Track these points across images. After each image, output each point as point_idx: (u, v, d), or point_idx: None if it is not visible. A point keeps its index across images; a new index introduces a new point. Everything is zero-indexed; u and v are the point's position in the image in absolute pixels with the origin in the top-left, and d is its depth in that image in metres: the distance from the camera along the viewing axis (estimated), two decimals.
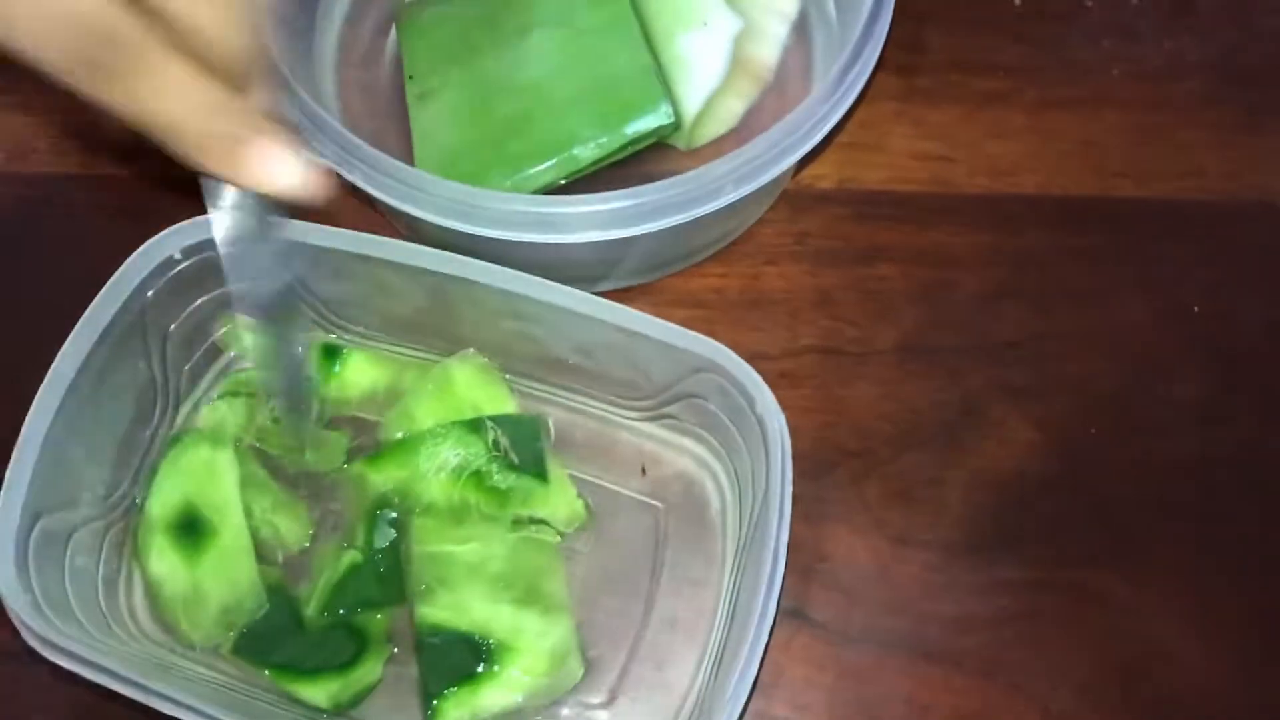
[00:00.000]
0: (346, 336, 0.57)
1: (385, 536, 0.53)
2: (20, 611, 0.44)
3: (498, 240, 0.49)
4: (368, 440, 0.55)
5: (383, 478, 0.53)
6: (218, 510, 0.52)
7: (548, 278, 0.56)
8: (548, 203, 0.48)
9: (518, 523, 0.53)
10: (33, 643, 0.44)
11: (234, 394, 0.56)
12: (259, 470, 0.54)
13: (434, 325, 0.55)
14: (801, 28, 0.62)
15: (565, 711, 0.51)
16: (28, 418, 0.47)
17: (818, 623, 0.53)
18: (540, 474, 0.52)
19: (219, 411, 0.55)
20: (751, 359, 0.57)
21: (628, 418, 0.56)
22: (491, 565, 0.52)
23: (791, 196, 0.61)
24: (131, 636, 0.51)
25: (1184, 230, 0.61)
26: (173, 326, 0.54)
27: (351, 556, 0.52)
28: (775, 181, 0.51)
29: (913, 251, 0.60)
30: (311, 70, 0.60)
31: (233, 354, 0.57)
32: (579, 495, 0.53)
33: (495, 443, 0.52)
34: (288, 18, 0.57)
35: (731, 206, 0.50)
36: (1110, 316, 0.59)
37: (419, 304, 0.53)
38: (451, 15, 0.61)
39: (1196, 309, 0.59)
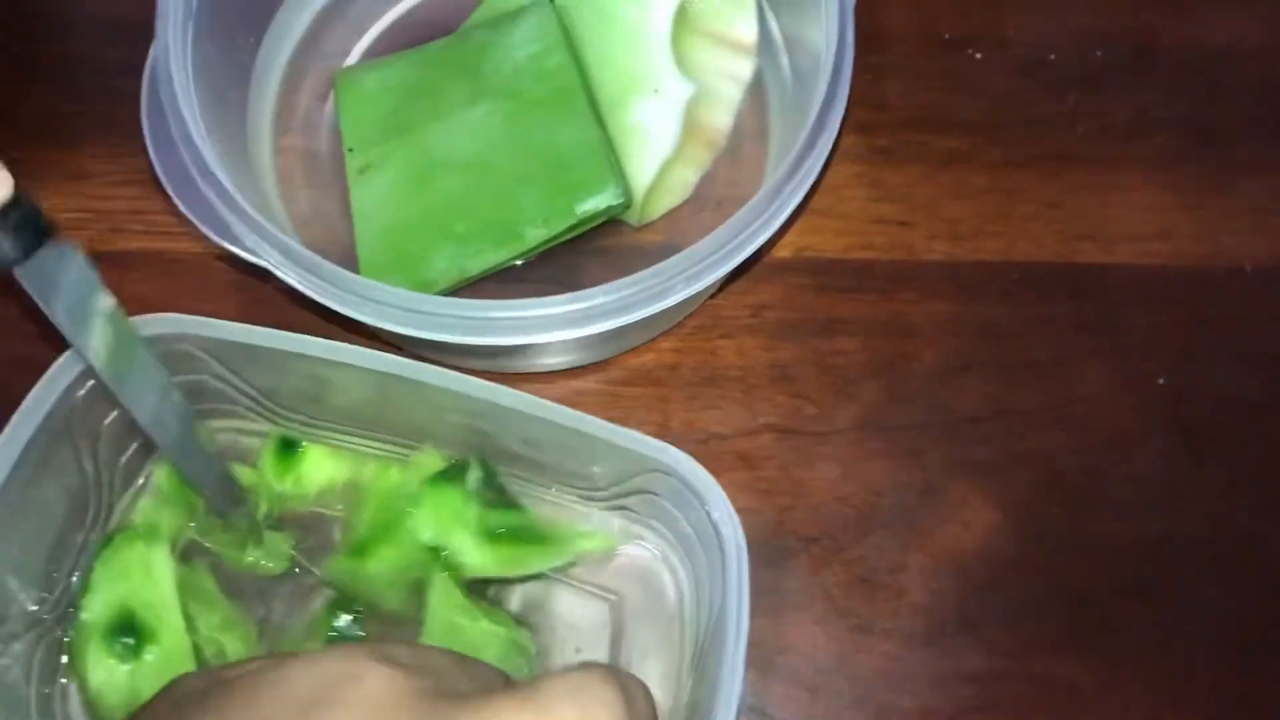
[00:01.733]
0: (289, 425, 0.55)
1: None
2: None
3: (442, 341, 0.47)
4: (320, 540, 0.53)
5: (377, 564, 0.51)
6: (155, 612, 0.51)
7: (496, 360, 0.55)
8: (492, 307, 0.46)
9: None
10: None
11: (171, 488, 0.54)
12: (204, 578, 0.52)
13: (377, 417, 0.53)
14: (756, 90, 0.60)
15: None
16: None
17: None
18: (515, 505, 0.52)
19: (154, 508, 0.53)
20: (707, 439, 0.56)
21: (582, 508, 0.54)
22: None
23: (747, 264, 0.59)
24: None
25: (1150, 297, 0.59)
26: (105, 422, 0.52)
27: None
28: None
29: (872, 323, 0.58)
30: (245, 140, 0.57)
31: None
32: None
33: (483, 481, 0.51)
34: (219, 85, 0.54)
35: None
36: (1073, 389, 0.58)
37: (361, 397, 0.51)
38: (393, 82, 0.58)
39: (1162, 381, 0.58)
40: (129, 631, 0.50)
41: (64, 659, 0.51)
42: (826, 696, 0.53)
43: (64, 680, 0.51)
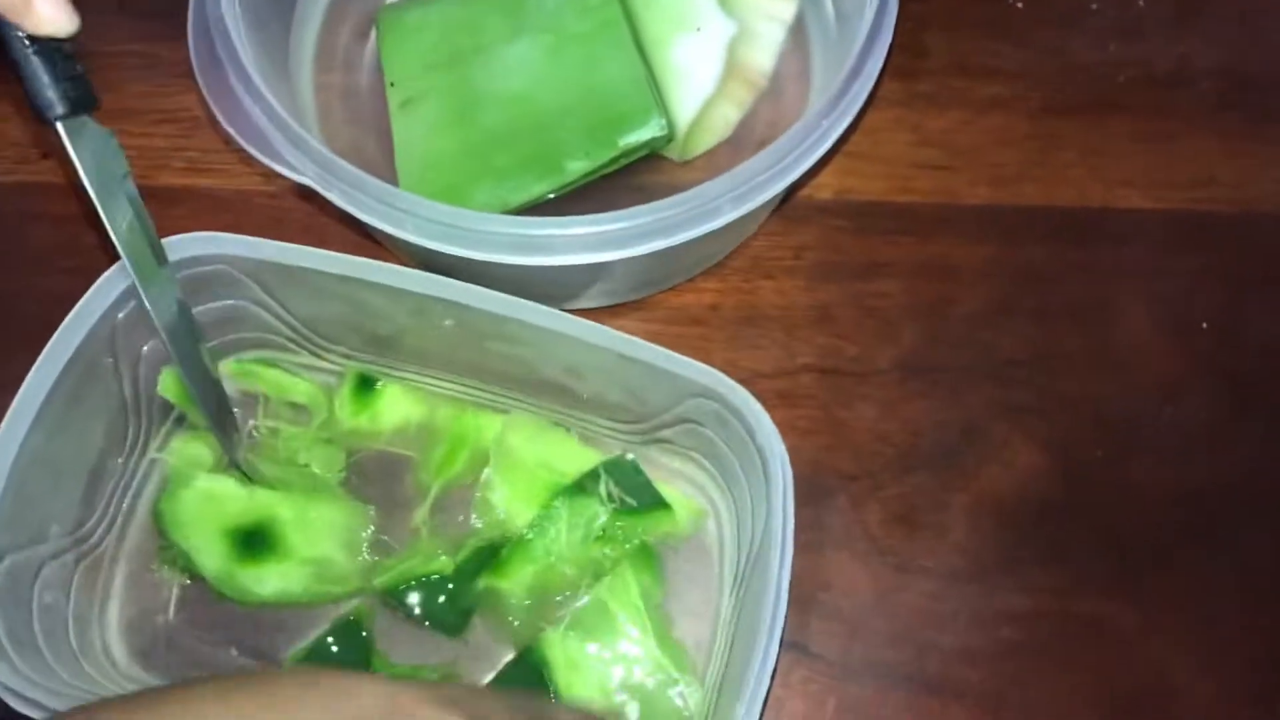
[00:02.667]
0: (329, 357, 0.55)
1: None
2: None
3: (490, 261, 0.47)
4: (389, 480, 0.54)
5: (514, 582, 0.51)
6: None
7: (535, 293, 0.54)
8: (535, 224, 0.46)
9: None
10: None
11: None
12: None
13: (416, 346, 0.53)
14: (798, 31, 0.59)
15: None
16: None
17: (818, 655, 0.52)
18: (661, 503, 0.51)
19: (188, 443, 0.54)
20: (748, 378, 0.55)
21: (622, 441, 0.54)
22: None
23: (788, 208, 0.59)
24: (105, 675, 0.49)
25: (1192, 243, 0.59)
26: (145, 348, 0.52)
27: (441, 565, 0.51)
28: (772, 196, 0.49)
29: (913, 266, 0.58)
30: (288, 75, 0.57)
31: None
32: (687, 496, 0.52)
33: (608, 494, 0.51)
34: (262, 20, 0.54)
35: (728, 225, 0.47)
36: (1115, 334, 0.57)
37: (402, 324, 0.51)
38: (434, 18, 0.58)
39: (1205, 325, 0.57)
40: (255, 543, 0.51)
41: (101, 580, 0.51)
42: (865, 633, 0.52)
43: (100, 602, 0.51)
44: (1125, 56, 0.63)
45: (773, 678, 0.48)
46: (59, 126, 0.40)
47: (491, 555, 0.51)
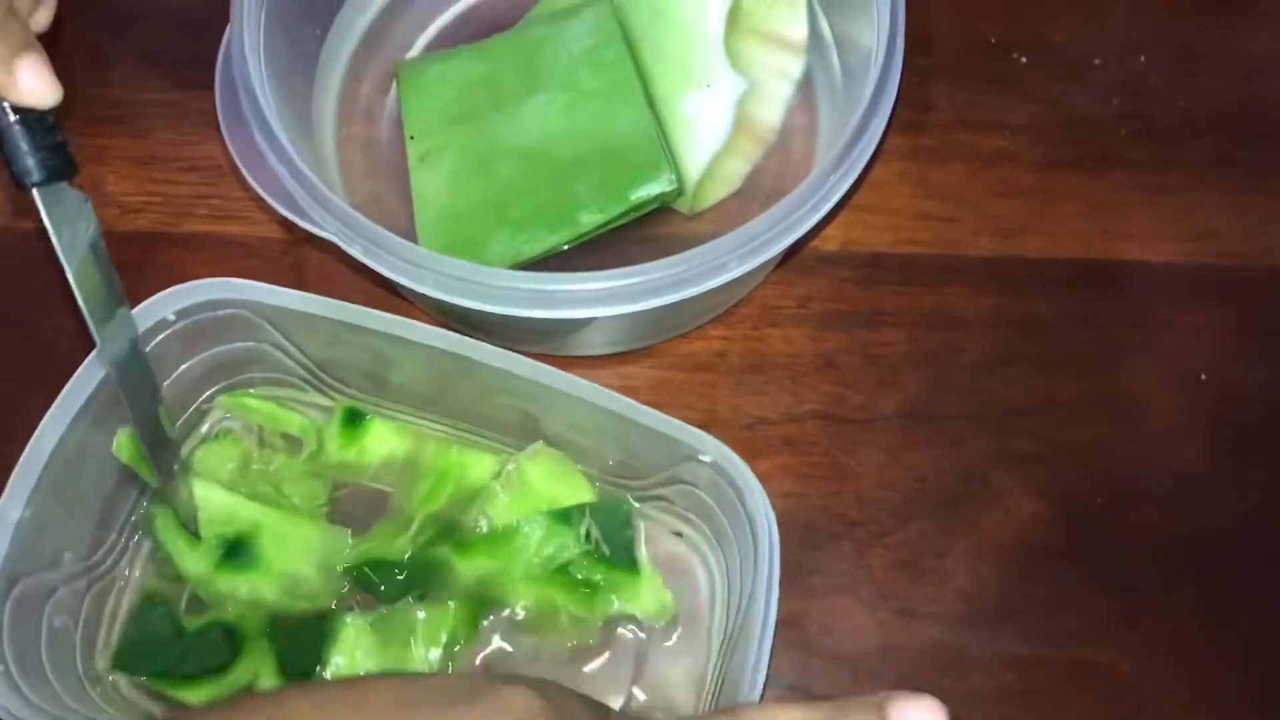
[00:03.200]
0: (336, 398, 0.56)
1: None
2: None
3: (499, 314, 0.48)
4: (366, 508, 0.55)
5: (471, 565, 0.52)
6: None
7: (546, 342, 0.56)
8: (549, 280, 0.47)
9: (607, 623, 0.52)
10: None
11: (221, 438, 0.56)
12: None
13: (427, 394, 0.54)
14: (806, 87, 0.61)
15: None
16: (11, 481, 0.47)
17: (822, 698, 0.52)
18: (631, 564, 0.52)
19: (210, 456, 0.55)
20: (753, 424, 0.57)
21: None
22: None
23: (795, 259, 0.60)
24: (108, 700, 0.51)
25: (1192, 295, 0.60)
26: (164, 384, 0.53)
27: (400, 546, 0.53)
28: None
29: (917, 315, 0.59)
30: (311, 126, 0.59)
31: (222, 415, 0.57)
32: (665, 587, 0.53)
33: (587, 534, 0.52)
34: (286, 73, 0.56)
35: (734, 278, 0.49)
36: (1116, 383, 0.58)
37: (412, 374, 0.53)
38: (454, 73, 0.60)
39: (1204, 377, 0.58)
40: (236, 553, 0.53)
41: (110, 606, 0.53)
42: (868, 676, 0.53)
43: (107, 626, 0.53)
44: (1127, 110, 0.64)
45: None
46: (34, 192, 0.42)
47: (450, 532, 0.53)
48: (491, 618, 0.53)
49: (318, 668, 0.50)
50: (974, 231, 0.61)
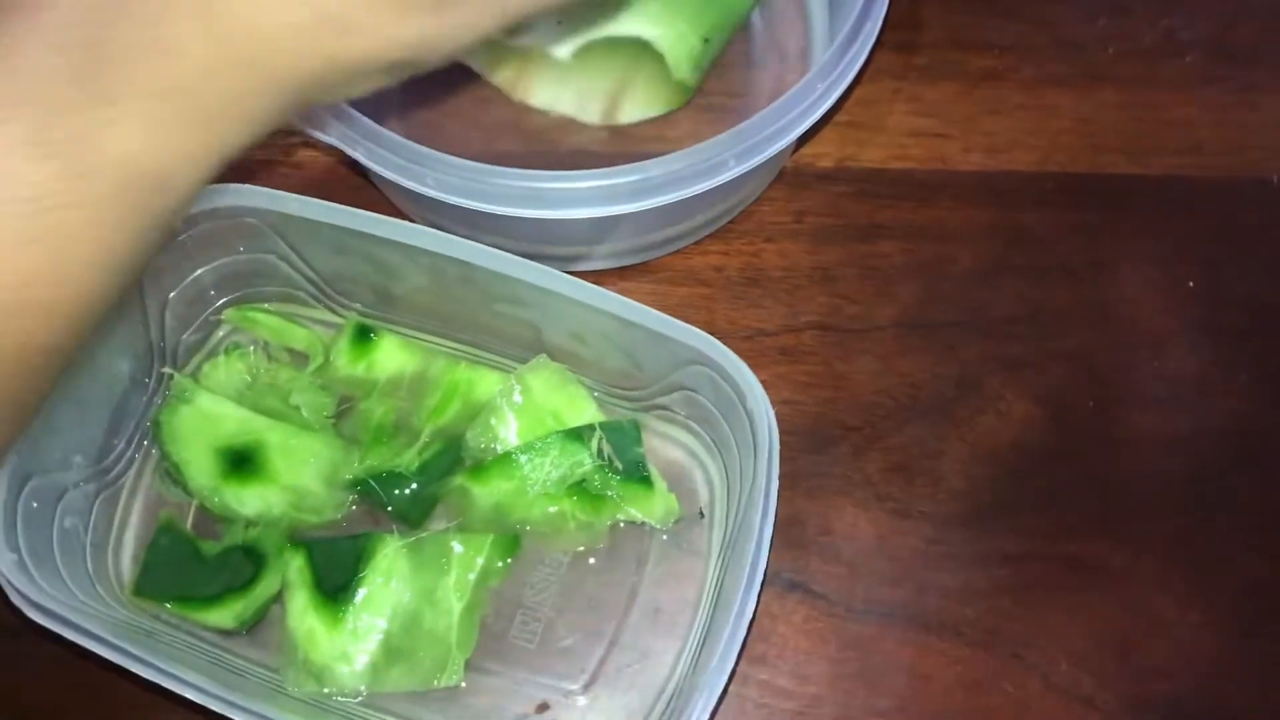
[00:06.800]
0: (345, 313, 0.57)
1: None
2: (6, 570, 0.45)
3: (496, 214, 0.49)
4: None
5: (487, 491, 0.53)
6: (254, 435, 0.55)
7: (546, 252, 0.57)
8: (547, 178, 0.48)
9: (613, 526, 0.54)
10: (16, 600, 0.45)
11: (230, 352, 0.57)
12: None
13: (429, 305, 0.55)
14: (800, 6, 0.62)
15: (543, 697, 0.51)
16: None
17: (820, 595, 0.54)
18: (645, 478, 0.53)
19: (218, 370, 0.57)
20: (752, 336, 0.58)
21: (622, 407, 0.56)
22: None
23: (790, 175, 0.62)
24: (117, 601, 0.52)
25: (1180, 206, 0.61)
26: (172, 294, 0.55)
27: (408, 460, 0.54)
28: (775, 159, 0.52)
29: (911, 228, 0.61)
30: None
31: (230, 329, 0.58)
32: (669, 489, 0.54)
33: (599, 450, 0.53)
34: None
35: (732, 183, 0.50)
36: (1105, 291, 0.60)
37: (417, 284, 0.54)
38: None
39: (1191, 284, 0.60)
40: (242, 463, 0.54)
41: (119, 513, 0.54)
42: (866, 574, 0.54)
43: (117, 531, 0.54)
44: (1113, 30, 0.65)
45: (775, 614, 0.52)
46: None
47: (455, 459, 0.54)
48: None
49: (352, 585, 0.51)
50: (965, 148, 0.62)
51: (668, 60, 0.58)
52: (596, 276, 0.60)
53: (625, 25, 0.57)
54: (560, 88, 0.61)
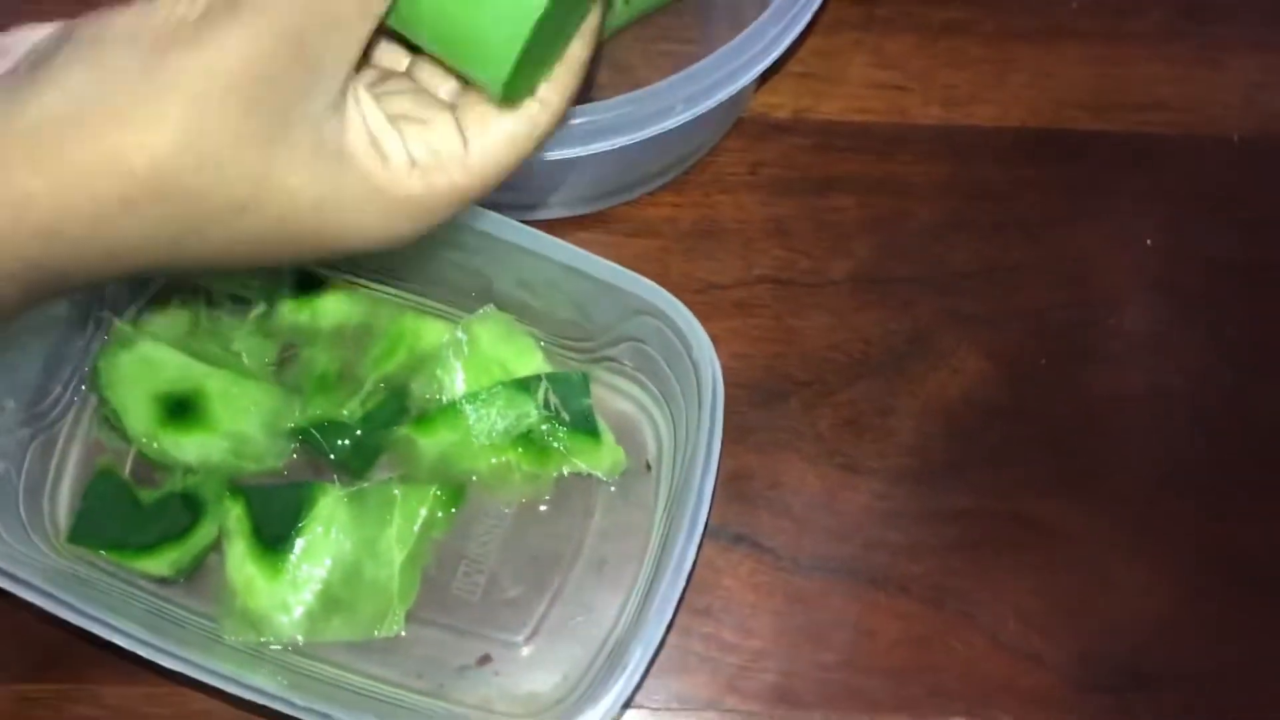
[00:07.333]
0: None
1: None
2: None
3: None
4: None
5: (433, 441, 0.52)
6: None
7: (497, 199, 0.56)
8: None
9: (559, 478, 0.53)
10: None
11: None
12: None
13: (380, 255, 0.54)
14: None
15: (484, 649, 0.51)
16: None
17: (767, 549, 0.53)
18: (592, 430, 0.52)
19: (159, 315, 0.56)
20: (705, 288, 0.57)
21: (570, 358, 0.55)
22: None
23: (747, 126, 0.61)
24: (51, 548, 0.51)
25: (1140, 164, 0.61)
26: None
27: (351, 409, 0.53)
28: (731, 107, 0.51)
29: (868, 182, 0.60)
30: None
31: None
32: (616, 442, 0.53)
33: (545, 401, 0.52)
34: None
35: (685, 130, 0.49)
36: (1063, 248, 0.59)
37: None
38: None
39: (1149, 242, 0.59)
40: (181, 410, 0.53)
41: (55, 459, 0.53)
42: (814, 529, 0.54)
43: (53, 476, 0.53)
44: None
45: (720, 567, 0.51)
46: None
47: (400, 409, 0.53)
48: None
49: (292, 535, 0.51)
50: (925, 101, 0.61)
51: None
52: (549, 226, 0.58)
53: None
54: None
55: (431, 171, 0.32)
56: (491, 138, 0.33)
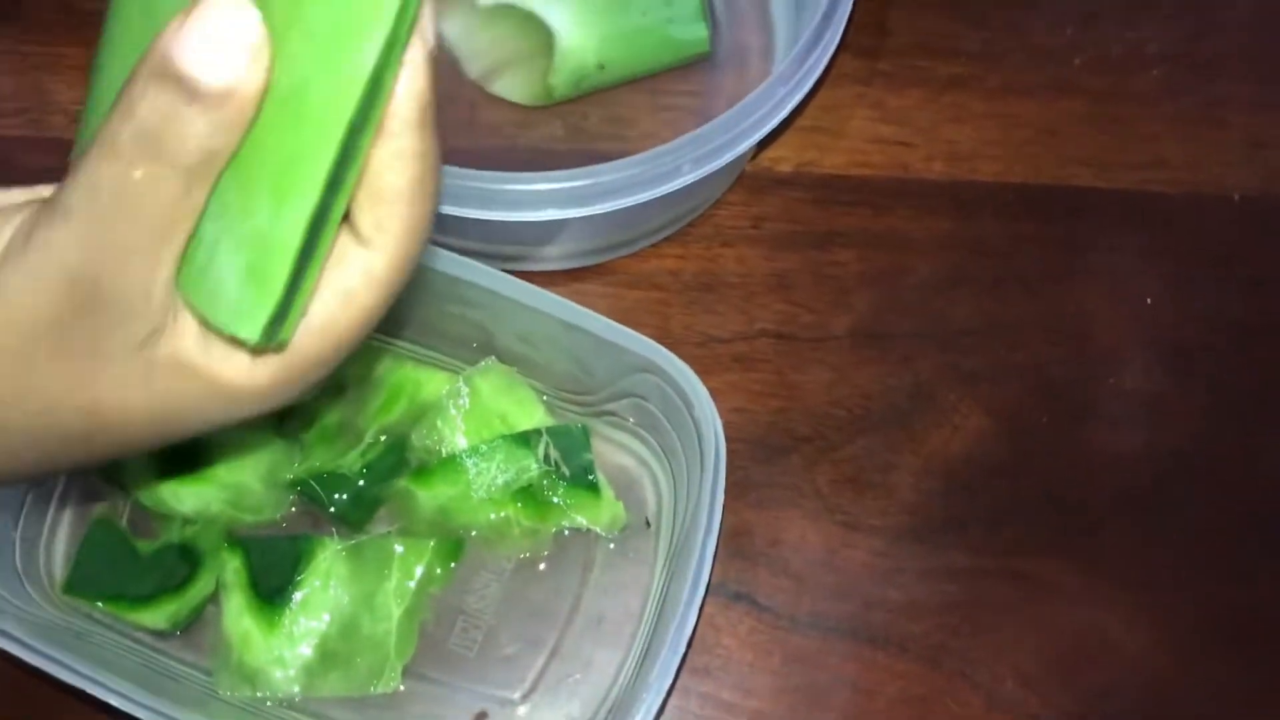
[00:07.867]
0: None
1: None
2: None
3: (449, 214, 0.48)
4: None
5: (432, 494, 0.52)
6: None
7: (497, 251, 0.56)
8: (499, 179, 0.47)
9: (558, 533, 0.53)
10: None
11: None
12: None
13: None
14: (763, 8, 0.61)
15: (481, 706, 0.50)
16: None
17: (766, 607, 0.53)
18: (593, 485, 0.52)
19: None
20: (705, 342, 0.57)
21: (571, 412, 0.55)
22: None
23: (749, 179, 0.61)
24: (47, 599, 0.51)
25: (1141, 221, 0.61)
26: None
27: (351, 461, 0.53)
28: (734, 163, 0.51)
29: (869, 236, 0.60)
30: None
31: None
32: (616, 497, 0.53)
33: (545, 455, 0.52)
34: None
35: (689, 188, 0.49)
36: (1064, 306, 0.59)
37: None
38: None
39: (1150, 301, 0.59)
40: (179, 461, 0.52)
41: (51, 511, 0.53)
42: (813, 587, 0.54)
43: (49, 529, 0.53)
44: (1081, 40, 0.65)
45: (719, 625, 0.51)
46: None
47: (399, 461, 0.53)
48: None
49: (289, 588, 0.50)
50: (927, 156, 0.62)
51: (553, 59, 0.57)
52: (550, 278, 0.59)
53: (546, 8, 0.57)
54: (466, 31, 0.60)
55: (273, 355, 0.30)
56: (330, 299, 0.30)
